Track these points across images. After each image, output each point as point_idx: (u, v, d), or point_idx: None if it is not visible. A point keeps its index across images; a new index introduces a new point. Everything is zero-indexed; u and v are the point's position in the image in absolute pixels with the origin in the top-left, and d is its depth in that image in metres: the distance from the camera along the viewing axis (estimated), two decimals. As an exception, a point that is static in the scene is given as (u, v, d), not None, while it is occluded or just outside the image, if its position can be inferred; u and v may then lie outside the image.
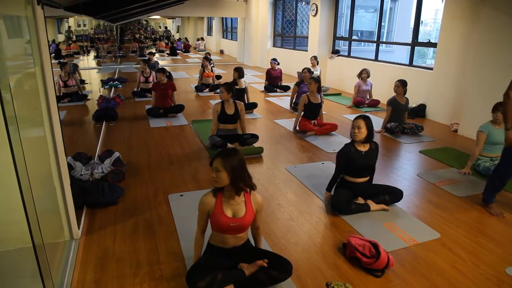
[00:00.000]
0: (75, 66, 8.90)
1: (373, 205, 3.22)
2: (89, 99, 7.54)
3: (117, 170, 3.74)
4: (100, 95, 7.10)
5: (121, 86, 9.17)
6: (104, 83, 9.22)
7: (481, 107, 4.43)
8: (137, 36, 27.35)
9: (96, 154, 4.36)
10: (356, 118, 3.18)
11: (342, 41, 10.22)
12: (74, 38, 10.89)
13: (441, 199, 3.53)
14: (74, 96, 7.37)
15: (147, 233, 2.84)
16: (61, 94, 7.28)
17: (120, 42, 21.57)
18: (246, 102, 6.78)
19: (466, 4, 5.79)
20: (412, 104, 6.53)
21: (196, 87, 8.76)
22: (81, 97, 7.46)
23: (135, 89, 8.20)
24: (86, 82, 9.48)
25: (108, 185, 3.41)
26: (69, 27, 11.35)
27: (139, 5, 7.91)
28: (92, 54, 13.66)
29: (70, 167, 3.65)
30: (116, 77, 10.16)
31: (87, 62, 13.36)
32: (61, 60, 8.17)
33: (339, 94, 8.68)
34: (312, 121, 5.47)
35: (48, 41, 2.48)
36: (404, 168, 4.31)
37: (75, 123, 6.28)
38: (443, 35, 6.26)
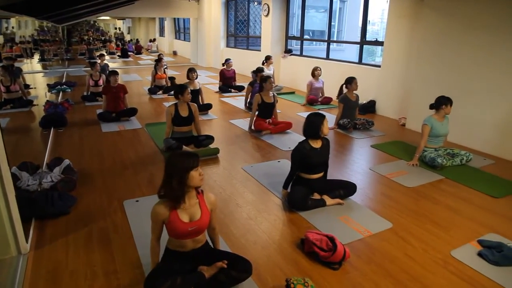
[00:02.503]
0: (19, 70, 8.42)
1: (328, 200, 3.31)
2: (35, 105, 7.17)
3: (67, 179, 3.59)
4: (47, 100, 6.76)
5: (69, 90, 8.79)
6: (51, 87, 8.79)
7: (425, 101, 4.68)
8: (86, 37, 26.29)
9: (44, 163, 4.15)
10: (323, 116, 3.25)
11: (294, 40, 10.39)
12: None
13: (393, 191, 3.70)
14: (18, 102, 6.97)
15: (102, 242, 2.75)
16: (3, 100, 6.87)
17: (67, 44, 20.66)
18: (201, 103, 6.74)
19: (408, 4, 6.09)
20: (363, 100, 6.77)
21: (149, 89, 8.58)
22: (26, 102, 7.06)
23: (85, 93, 7.87)
24: (31, 86, 9.01)
25: (58, 194, 3.26)
26: (13, 27, 10.73)
27: (85, 5, 7.60)
28: (37, 57, 12.99)
29: (16, 178, 3.45)
30: (64, 81, 9.72)
31: (31, 66, 12.69)
32: (1, 64, 7.69)
33: (292, 93, 8.83)
34: (267, 120, 5.53)
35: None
36: (357, 163, 4.47)
37: (19, 130, 5.94)
38: (388, 34, 6.55)
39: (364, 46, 7.59)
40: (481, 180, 3.94)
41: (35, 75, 11.90)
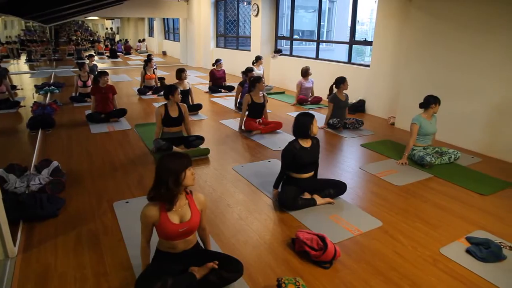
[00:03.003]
0: (5, 71, 8.30)
1: (319, 199, 3.32)
2: (23, 106, 7.07)
3: (56, 180, 3.55)
4: (35, 102, 6.68)
5: (57, 91, 8.68)
6: (38, 88, 8.68)
7: (414, 100, 4.74)
8: (74, 38, 26.01)
9: (32, 165, 4.10)
10: (312, 116, 3.28)
11: (284, 40, 10.41)
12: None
13: (382, 189, 3.73)
14: (4, 103, 6.87)
15: (92, 244, 2.72)
16: (-10, 101, 6.76)
17: (55, 45, 20.42)
18: (191, 103, 6.72)
19: (397, 4, 6.14)
20: (352, 100, 6.81)
21: (138, 90, 8.52)
22: (13, 104, 6.97)
23: (73, 94, 7.81)
24: (18, 87, 8.89)
25: (47, 196, 3.22)
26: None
27: (74, 5, 7.51)
28: (24, 57, 12.83)
29: (3, 180, 3.40)
30: (52, 81, 9.61)
31: (18, 66, 12.54)
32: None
33: (282, 93, 8.84)
34: (257, 120, 5.53)
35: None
36: (347, 162, 4.49)
37: (6, 132, 5.86)
38: (377, 34, 6.60)
39: (353, 46, 7.64)
40: (469, 178, 4.00)
41: (22, 76, 11.74)
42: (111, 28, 30.22)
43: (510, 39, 4.39)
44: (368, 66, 6.99)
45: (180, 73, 6.60)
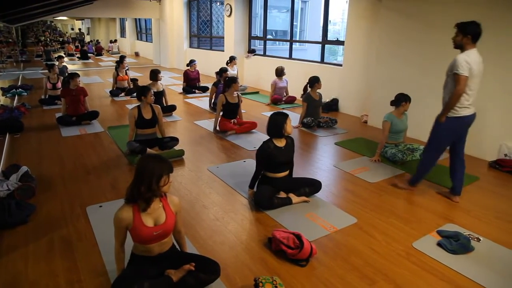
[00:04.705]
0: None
1: (294, 198, 3.35)
2: (-12, 110, 6.81)
3: (25, 186, 3.44)
4: (1, 105, 6.45)
5: (25, 94, 8.41)
6: (5, 91, 8.38)
7: (386, 99, 4.86)
8: (42, 38, 25.21)
9: (0, 170, 3.96)
10: (285, 115, 3.30)
11: (258, 40, 10.44)
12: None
13: (356, 186, 3.80)
14: (-31, 107, 6.60)
15: (65, 250, 2.66)
16: (-48, 106, 6.48)
17: (23, 46, 19.75)
18: (165, 104, 6.64)
19: (367, 4, 6.27)
20: (326, 99, 6.90)
21: (111, 91, 8.35)
22: (-22, 108, 6.70)
23: (43, 97, 7.57)
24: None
25: (16, 203, 3.12)
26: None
27: (39, 5, 7.28)
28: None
29: (-32, 187, 3.27)
30: (19, 84, 9.29)
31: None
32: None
33: (257, 93, 8.87)
34: (232, 120, 5.53)
35: None
36: (321, 160, 4.55)
37: (-29, 137, 5.62)
38: (349, 34, 6.71)
39: (326, 45, 7.74)
40: (439, 173, 4.11)
41: (-13, 78, 11.30)
42: (80, 29, 29.37)
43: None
44: (341, 65, 7.10)
45: (156, 74, 6.51)
